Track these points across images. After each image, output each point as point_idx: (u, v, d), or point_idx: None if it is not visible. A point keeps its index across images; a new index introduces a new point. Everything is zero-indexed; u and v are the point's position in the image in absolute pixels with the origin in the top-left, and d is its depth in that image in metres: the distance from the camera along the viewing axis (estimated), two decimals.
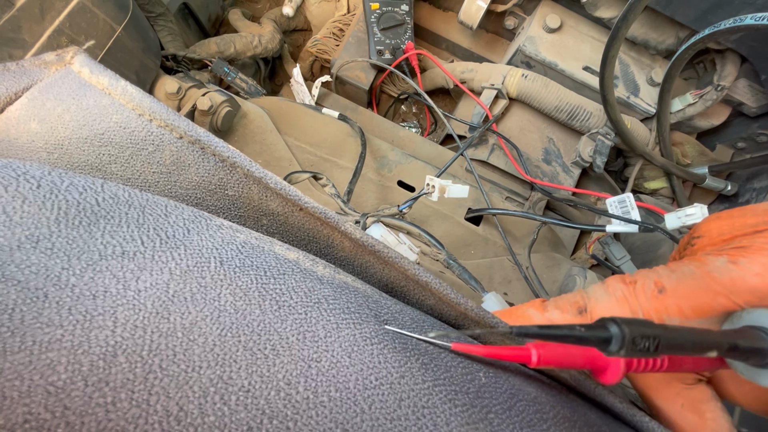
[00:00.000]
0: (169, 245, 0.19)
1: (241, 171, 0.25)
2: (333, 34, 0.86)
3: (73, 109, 0.26)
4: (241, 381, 0.16)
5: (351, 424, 0.16)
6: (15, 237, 0.17)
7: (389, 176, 0.70)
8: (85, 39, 0.52)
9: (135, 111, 0.26)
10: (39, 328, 0.15)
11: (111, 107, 0.26)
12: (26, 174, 0.20)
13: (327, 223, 0.25)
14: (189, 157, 0.26)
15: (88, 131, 0.26)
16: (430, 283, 0.24)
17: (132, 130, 0.26)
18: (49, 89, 0.27)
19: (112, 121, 0.26)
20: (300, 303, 0.19)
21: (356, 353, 0.18)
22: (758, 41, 0.63)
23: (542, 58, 0.75)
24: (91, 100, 0.26)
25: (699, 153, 0.82)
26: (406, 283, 0.25)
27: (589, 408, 0.24)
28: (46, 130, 0.26)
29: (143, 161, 0.26)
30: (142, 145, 0.26)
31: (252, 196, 0.26)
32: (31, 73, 0.28)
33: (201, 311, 0.17)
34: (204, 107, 0.57)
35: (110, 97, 0.26)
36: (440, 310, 0.24)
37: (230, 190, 0.26)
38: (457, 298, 0.24)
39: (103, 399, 0.14)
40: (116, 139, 0.26)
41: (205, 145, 0.25)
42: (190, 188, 0.26)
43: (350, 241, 0.25)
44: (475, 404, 0.19)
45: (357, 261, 0.26)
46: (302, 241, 0.26)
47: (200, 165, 0.26)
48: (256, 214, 0.26)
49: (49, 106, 0.26)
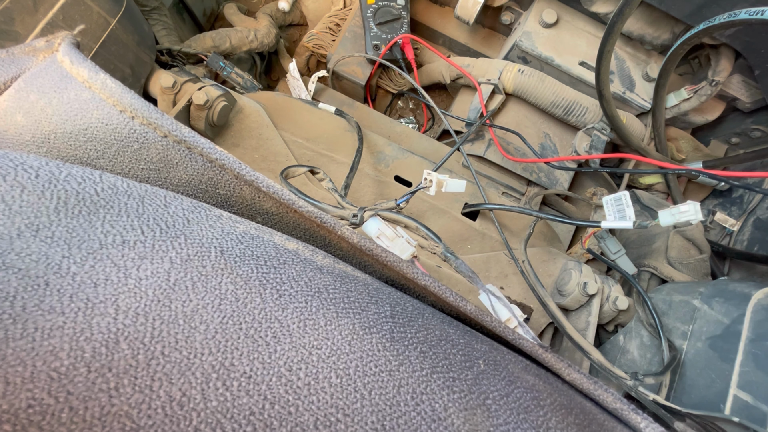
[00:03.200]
0: (170, 235, 0.19)
1: (231, 173, 0.25)
2: (329, 29, 0.86)
3: (55, 102, 0.26)
4: (242, 367, 0.16)
5: (351, 409, 0.16)
6: (15, 226, 0.17)
7: (386, 171, 0.70)
8: (79, 32, 0.52)
9: (116, 107, 0.25)
10: (41, 315, 0.15)
11: (91, 102, 0.25)
12: (24, 164, 0.20)
13: (322, 226, 0.25)
14: (176, 156, 0.25)
15: (71, 126, 0.25)
16: (429, 286, 0.24)
17: (114, 127, 0.25)
18: (33, 80, 0.26)
19: (93, 116, 0.25)
20: (300, 292, 0.19)
21: (356, 341, 0.18)
22: (752, 36, 0.64)
23: (538, 54, 0.75)
24: (72, 93, 0.26)
25: (693, 148, 0.83)
26: (406, 282, 0.25)
27: (585, 397, 0.24)
28: (31, 123, 0.26)
29: (130, 157, 0.26)
30: (126, 142, 0.25)
31: (244, 195, 0.26)
32: (20, 62, 0.28)
33: (202, 299, 0.17)
34: (200, 102, 0.57)
35: (90, 90, 0.25)
36: (440, 307, 0.25)
37: (221, 189, 0.26)
38: (456, 301, 0.24)
39: (106, 384, 0.14)
40: (100, 135, 0.25)
41: (192, 146, 0.25)
42: (181, 185, 0.26)
43: (347, 244, 0.25)
44: (473, 390, 0.19)
45: (355, 260, 0.26)
46: (299, 238, 0.26)
47: (188, 164, 0.25)
48: (250, 212, 0.26)
49: (32, 99, 0.26)
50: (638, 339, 0.61)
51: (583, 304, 0.65)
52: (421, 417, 0.17)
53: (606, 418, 0.23)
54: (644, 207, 0.74)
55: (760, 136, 0.77)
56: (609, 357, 0.64)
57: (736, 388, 0.48)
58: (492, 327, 0.24)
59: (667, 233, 0.69)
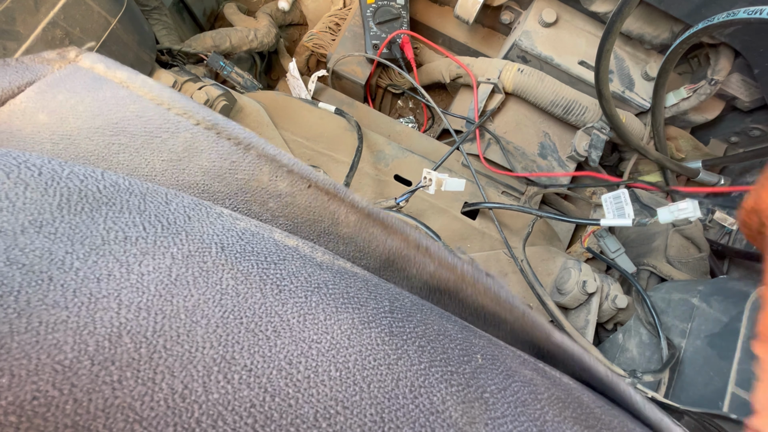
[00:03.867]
0: (171, 231, 0.20)
1: (255, 152, 0.26)
2: (329, 29, 0.86)
3: (88, 100, 0.27)
4: (243, 360, 0.16)
5: (350, 401, 0.16)
6: (18, 222, 0.17)
7: (386, 170, 0.70)
8: (80, 31, 0.52)
9: (153, 101, 0.27)
10: (45, 309, 0.15)
11: (128, 98, 0.27)
12: (27, 162, 0.20)
13: (336, 195, 0.26)
14: (203, 143, 0.26)
15: (102, 120, 0.27)
16: (429, 247, 0.26)
17: (148, 119, 0.27)
18: (60, 83, 0.28)
19: (128, 110, 0.27)
20: (300, 287, 0.20)
21: (355, 336, 0.19)
22: (751, 35, 0.64)
23: (538, 53, 0.75)
24: (108, 92, 0.27)
25: (693, 147, 0.83)
26: (408, 251, 0.26)
27: (582, 391, 0.25)
28: (55, 121, 0.27)
29: (153, 149, 0.27)
30: (156, 133, 0.27)
31: (262, 178, 0.27)
32: (33, 69, 0.29)
33: (203, 294, 0.17)
34: (200, 101, 0.57)
35: (128, 89, 0.27)
36: (440, 275, 0.26)
37: (240, 173, 0.27)
38: (454, 261, 0.25)
39: (110, 377, 0.15)
40: (130, 128, 0.27)
41: (221, 129, 0.26)
42: (198, 175, 0.26)
43: (355, 214, 0.26)
44: (470, 384, 0.19)
45: (360, 236, 0.26)
46: (306, 222, 0.27)
47: (213, 150, 0.27)
48: (264, 197, 0.27)
49: (60, 98, 0.27)
50: (637, 337, 0.61)
51: (583, 302, 0.65)
52: (420, 409, 0.17)
53: (603, 412, 0.23)
54: (643, 206, 0.74)
55: (759, 134, 0.78)
56: (608, 355, 0.64)
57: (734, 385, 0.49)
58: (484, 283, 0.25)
59: (667, 232, 0.69)
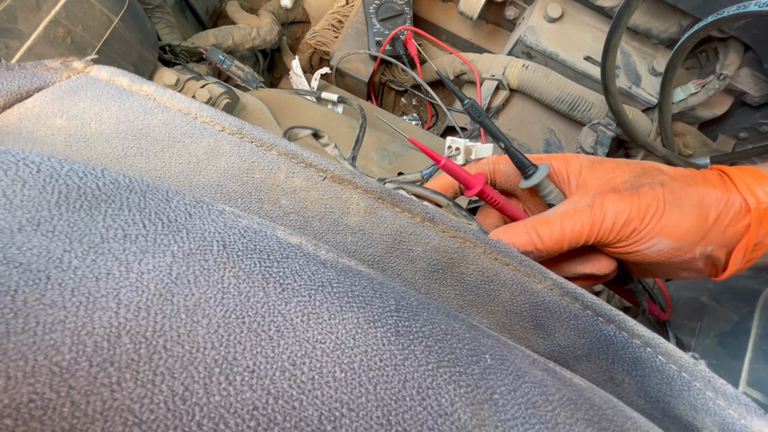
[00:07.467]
0: (171, 229, 0.19)
1: (276, 151, 0.27)
2: (332, 26, 0.85)
3: (114, 108, 0.28)
4: (245, 361, 0.16)
5: (356, 403, 0.16)
6: (16, 220, 0.17)
7: (390, 168, 0.69)
8: (81, 30, 0.52)
9: (181, 111, 0.28)
10: (42, 309, 0.15)
11: (156, 108, 0.28)
12: (25, 159, 0.20)
13: (351, 181, 0.27)
14: (224, 146, 0.27)
15: (127, 126, 0.28)
16: (435, 216, 0.27)
17: (174, 126, 0.28)
18: (80, 91, 0.28)
19: (156, 118, 0.28)
20: (304, 286, 0.19)
21: (361, 335, 0.18)
22: (762, 29, 0.63)
23: (543, 48, 0.74)
24: (134, 103, 0.28)
25: (701, 143, 0.82)
26: (414, 227, 0.27)
27: (593, 392, 0.24)
28: (74, 125, 0.27)
29: (173, 153, 0.28)
30: (179, 138, 0.28)
31: (279, 176, 0.27)
32: (40, 76, 0.29)
33: (204, 293, 0.17)
34: (203, 99, 0.57)
35: (156, 101, 0.28)
36: (444, 247, 0.26)
37: (258, 173, 0.27)
38: (458, 225, 0.27)
39: (108, 379, 0.14)
40: (154, 133, 0.28)
41: (246, 134, 0.27)
42: (214, 176, 0.27)
43: (367, 199, 0.26)
44: (479, 385, 0.19)
45: (369, 222, 0.26)
46: (317, 216, 0.27)
47: (234, 152, 0.27)
48: (277, 194, 0.27)
49: (83, 105, 0.28)
50: None
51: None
52: (427, 412, 0.17)
53: (615, 413, 0.23)
54: None
55: None
56: None
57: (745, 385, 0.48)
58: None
59: None
